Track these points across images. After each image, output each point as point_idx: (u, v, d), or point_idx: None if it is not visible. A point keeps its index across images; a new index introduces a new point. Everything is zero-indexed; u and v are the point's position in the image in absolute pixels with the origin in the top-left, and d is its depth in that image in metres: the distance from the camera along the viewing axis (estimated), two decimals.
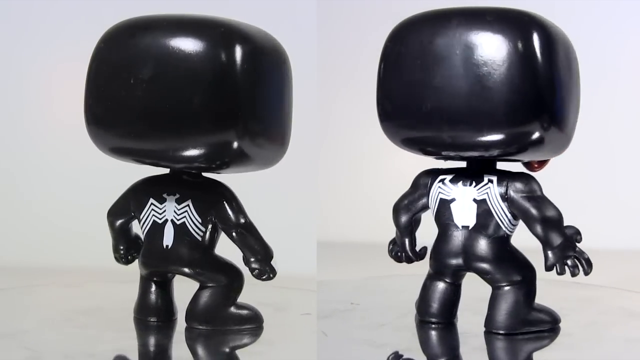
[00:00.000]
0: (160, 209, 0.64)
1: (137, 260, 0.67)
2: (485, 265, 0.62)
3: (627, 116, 1.50)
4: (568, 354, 0.59)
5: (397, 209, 0.66)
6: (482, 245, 0.62)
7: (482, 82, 0.59)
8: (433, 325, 0.64)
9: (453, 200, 0.63)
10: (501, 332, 0.62)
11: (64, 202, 1.26)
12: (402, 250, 0.66)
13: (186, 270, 0.64)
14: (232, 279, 0.64)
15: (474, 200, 0.62)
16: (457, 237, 0.62)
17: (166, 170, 0.66)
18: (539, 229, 0.61)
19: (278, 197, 1.23)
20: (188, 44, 0.59)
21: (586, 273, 0.61)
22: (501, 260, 0.62)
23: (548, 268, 0.61)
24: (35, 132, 1.31)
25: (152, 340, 0.63)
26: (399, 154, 0.67)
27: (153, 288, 0.65)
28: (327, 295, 0.76)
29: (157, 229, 0.64)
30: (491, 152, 0.61)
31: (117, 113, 0.60)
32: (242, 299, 0.66)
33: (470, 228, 0.62)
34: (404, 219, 0.65)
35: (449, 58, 0.60)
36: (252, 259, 0.64)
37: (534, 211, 0.61)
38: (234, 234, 0.64)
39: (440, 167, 0.66)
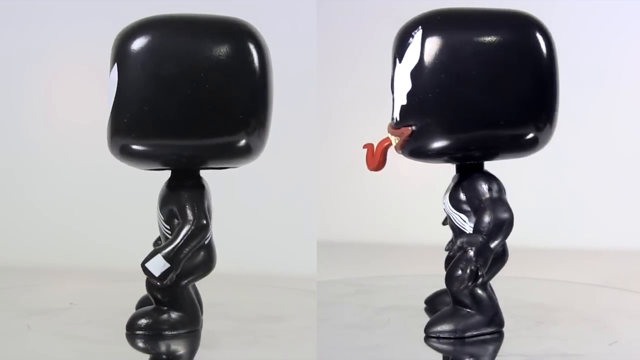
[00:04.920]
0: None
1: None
2: None
3: (627, 116, 1.50)
4: (567, 353, 0.59)
5: (513, 220, 0.59)
6: None
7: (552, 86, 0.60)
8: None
9: None
10: None
11: (66, 202, 1.26)
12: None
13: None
14: None
15: None
16: None
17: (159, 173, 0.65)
18: None
19: (278, 197, 1.23)
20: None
21: None
22: None
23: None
24: (37, 132, 1.31)
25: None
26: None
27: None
28: (327, 295, 0.76)
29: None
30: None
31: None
32: (242, 298, 0.66)
33: None
34: None
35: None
36: None
37: None
38: None
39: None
